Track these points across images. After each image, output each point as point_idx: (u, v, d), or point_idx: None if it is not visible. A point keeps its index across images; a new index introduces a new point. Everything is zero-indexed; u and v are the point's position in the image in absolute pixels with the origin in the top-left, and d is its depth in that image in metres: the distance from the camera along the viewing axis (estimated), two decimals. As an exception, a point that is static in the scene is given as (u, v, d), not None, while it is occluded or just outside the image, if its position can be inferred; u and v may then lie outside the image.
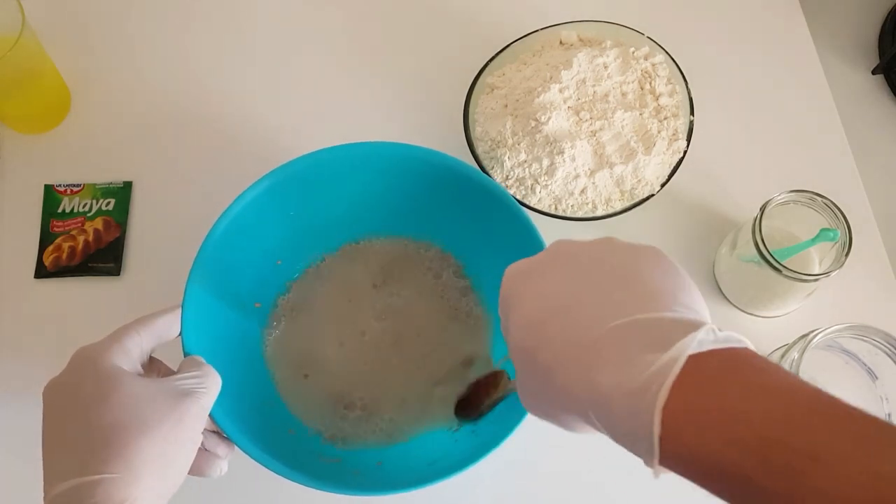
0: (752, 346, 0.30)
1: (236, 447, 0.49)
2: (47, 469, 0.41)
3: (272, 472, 0.48)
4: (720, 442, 0.27)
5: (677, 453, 0.29)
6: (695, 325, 0.30)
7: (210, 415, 0.48)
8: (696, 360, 0.29)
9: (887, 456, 0.24)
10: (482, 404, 0.53)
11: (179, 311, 0.50)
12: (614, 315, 0.32)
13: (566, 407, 0.34)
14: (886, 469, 0.24)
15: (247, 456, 0.49)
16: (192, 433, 0.44)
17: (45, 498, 0.40)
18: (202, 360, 0.49)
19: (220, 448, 0.49)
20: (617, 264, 0.36)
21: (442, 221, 0.60)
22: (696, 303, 0.34)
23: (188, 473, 0.46)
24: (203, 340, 0.51)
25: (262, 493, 0.58)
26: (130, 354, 0.45)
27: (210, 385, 0.46)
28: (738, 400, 0.27)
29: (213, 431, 0.49)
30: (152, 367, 0.49)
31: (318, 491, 0.48)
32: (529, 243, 0.54)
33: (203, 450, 0.48)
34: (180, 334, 0.50)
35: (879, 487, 0.24)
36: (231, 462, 0.50)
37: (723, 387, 0.28)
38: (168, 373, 0.49)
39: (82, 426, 0.41)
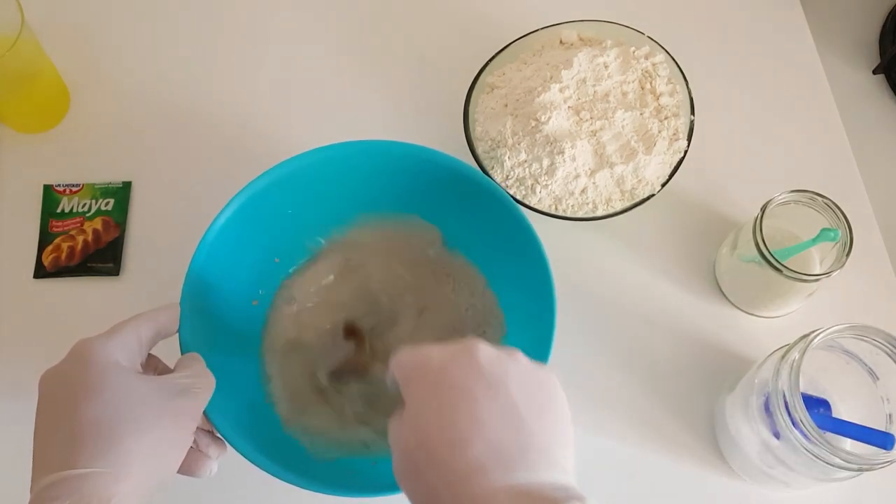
0: None
1: (230, 447, 0.49)
2: (37, 460, 0.41)
3: (266, 473, 0.48)
4: None
5: None
6: (564, 499, 0.34)
7: (204, 414, 0.48)
8: None
9: None
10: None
11: (178, 308, 0.50)
12: (498, 468, 0.35)
13: None
14: None
15: (241, 456, 0.49)
16: (185, 432, 0.44)
17: (31, 489, 0.40)
18: (199, 358, 0.49)
19: (212, 448, 0.49)
20: (517, 393, 0.38)
21: (441, 220, 0.60)
22: (571, 460, 0.38)
23: (179, 473, 0.46)
24: (200, 338, 0.51)
25: (255, 493, 0.58)
26: (128, 350, 0.45)
27: (205, 385, 0.46)
28: None
29: (206, 431, 0.49)
30: (150, 363, 0.49)
31: (312, 492, 0.48)
32: (527, 242, 0.54)
33: (194, 449, 0.48)
34: (178, 332, 0.50)
35: None
36: (225, 462, 0.50)
37: None
38: (165, 370, 0.49)
39: (75, 419, 0.41)
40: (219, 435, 0.49)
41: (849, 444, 0.53)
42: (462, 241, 0.60)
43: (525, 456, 0.36)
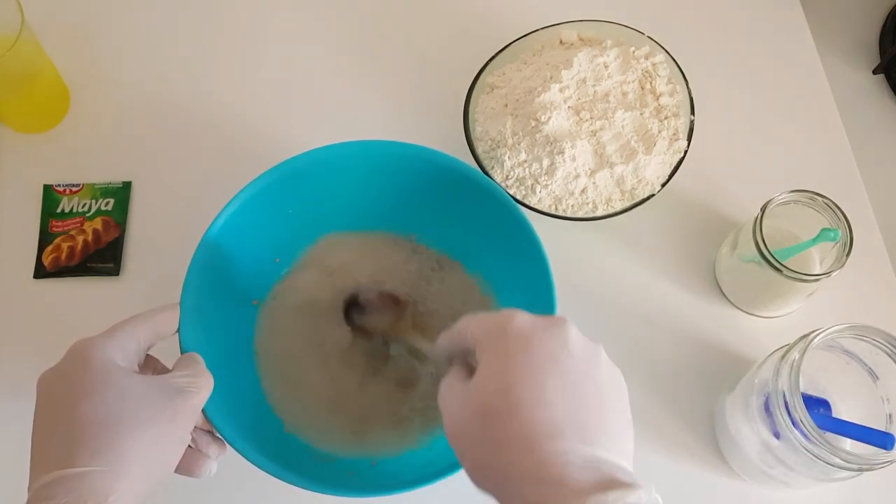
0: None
1: (229, 447, 0.49)
2: (35, 459, 0.41)
3: (265, 473, 0.48)
4: None
5: None
6: (635, 484, 0.35)
7: (204, 413, 0.48)
8: None
9: None
10: (370, 324, 0.57)
11: (177, 308, 0.50)
12: (578, 435, 0.36)
13: (495, 484, 0.37)
14: None
15: (240, 456, 0.49)
16: (182, 432, 0.44)
17: (29, 488, 0.40)
18: (198, 357, 0.49)
19: (212, 448, 0.49)
20: (596, 379, 0.39)
21: (441, 219, 0.60)
22: (632, 453, 0.39)
23: (178, 473, 0.46)
24: (200, 338, 0.51)
25: (255, 493, 0.58)
26: (126, 350, 0.45)
27: (202, 384, 0.46)
28: None
29: (205, 430, 0.49)
30: (148, 363, 0.49)
31: (312, 492, 0.48)
32: (525, 241, 0.54)
33: (193, 449, 0.48)
34: (178, 332, 0.50)
35: None
36: (224, 462, 0.50)
37: None
38: (163, 370, 0.49)
39: (72, 418, 0.41)
40: (218, 435, 0.49)
41: (849, 444, 0.53)
42: (462, 240, 0.60)
43: (602, 433, 0.37)
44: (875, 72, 0.80)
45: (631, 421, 0.40)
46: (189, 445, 0.48)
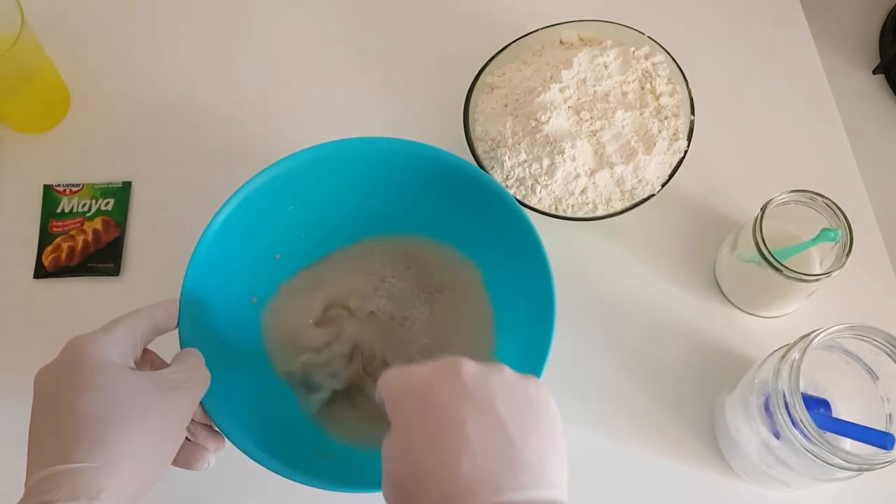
0: None
1: (228, 442, 0.49)
2: (31, 456, 0.42)
3: (264, 468, 0.48)
4: None
5: None
6: None
7: (203, 408, 0.48)
8: None
9: None
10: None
11: (177, 303, 0.50)
12: (489, 487, 0.35)
13: None
14: None
15: (239, 451, 0.49)
16: (177, 428, 0.44)
17: (26, 484, 0.41)
18: (196, 353, 0.49)
19: (210, 442, 0.49)
20: (503, 409, 0.38)
21: (441, 217, 0.60)
22: (563, 473, 0.38)
23: (176, 466, 0.46)
24: (200, 333, 0.51)
25: (254, 488, 0.58)
26: (122, 346, 0.45)
27: (199, 380, 0.46)
28: None
29: (204, 424, 0.49)
30: (146, 359, 0.49)
31: (311, 488, 0.48)
32: (527, 241, 0.54)
33: (192, 443, 0.48)
34: (177, 327, 0.50)
35: None
36: (223, 457, 0.50)
37: None
38: (161, 366, 0.49)
39: (66, 415, 0.41)
40: (216, 428, 0.49)
41: (849, 444, 0.53)
42: (462, 239, 0.60)
43: (514, 476, 0.36)
44: (875, 72, 0.80)
45: (557, 440, 0.39)
46: (188, 439, 0.48)
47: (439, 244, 0.61)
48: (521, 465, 0.36)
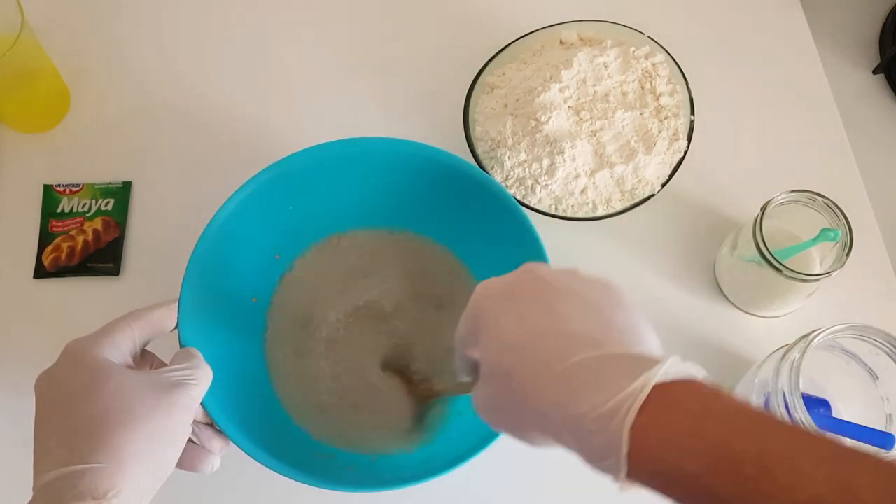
0: (707, 378, 0.34)
1: (230, 442, 0.49)
2: (37, 459, 0.42)
3: (265, 468, 0.48)
4: (679, 454, 0.31)
5: (643, 467, 0.32)
6: (659, 359, 0.34)
7: (205, 408, 0.48)
8: (660, 388, 0.33)
9: (822, 462, 0.28)
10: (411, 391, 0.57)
11: (176, 304, 0.50)
12: (588, 346, 0.35)
13: (539, 427, 0.37)
14: (822, 474, 0.28)
15: (240, 450, 0.49)
16: (181, 425, 0.44)
17: (33, 487, 0.41)
18: (196, 351, 0.49)
19: (214, 443, 0.49)
20: (586, 295, 0.38)
21: (441, 217, 0.60)
22: (655, 339, 0.38)
23: (180, 469, 0.46)
24: (199, 333, 0.51)
25: (254, 487, 0.58)
26: (121, 347, 0.45)
27: (200, 377, 0.46)
28: (696, 419, 0.31)
29: (207, 425, 0.49)
30: (145, 359, 0.49)
31: (312, 487, 0.48)
32: (525, 238, 0.54)
33: (196, 445, 0.48)
34: (177, 327, 0.50)
35: (818, 491, 0.28)
36: (225, 456, 0.50)
37: (682, 409, 0.32)
38: (161, 366, 0.49)
39: (70, 417, 0.42)
40: (219, 429, 0.49)
41: (849, 444, 0.52)
42: (461, 239, 0.61)
43: (610, 333, 0.36)
44: (875, 72, 0.80)
45: (640, 315, 0.39)
46: (192, 441, 0.48)
47: (437, 244, 0.61)
48: (613, 328, 0.37)
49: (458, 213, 0.59)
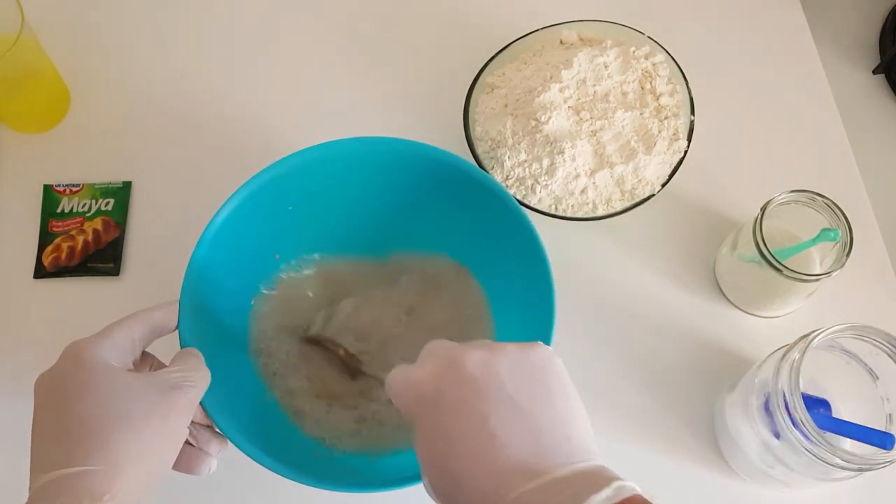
0: (640, 491, 0.34)
1: (229, 443, 0.49)
2: (33, 460, 0.42)
3: (265, 469, 0.48)
4: None
5: None
6: (593, 483, 0.34)
7: (204, 409, 0.48)
8: None
9: None
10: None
11: (177, 305, 0.50)
12: (524, 476, 0.35)
13: None
14: None
15: (239, 451, 0.49)
16: (178, 427, 0.44)
17: (29, 489, 0.41)
18: (196, 352, 0.49)
19: (212, 444, 0.49)
20: (518, 395, 0.38)
21: (440, 216, 0.60)
22: (590, 436, 0.38)
23: (177, 471, 0.46)
24: (200, 334, 0.51)
25: (254, 488, 0.58)
26: (120, 349, 0.45)
27: (198, 378, 0.46)
28: None
29: (205, 426, 0.49)
30: (145, 361, 0.49)
31: (312, 488, 0.48)
32: (527, 241, 0.54)
33: (193, 447, 0.48)
34: (177, 328, 0.50)
35: None
36: (223, 457, 0.50)
37: None
38: (161, 367, 0.49)
39: (67, 419, 0.41)
40: (218, 430, 0.49)
41: (849, 444, 0.53)
42: (461, 239, 0.61)
43: (543, 458, 0.36)
44: (875, 72, 0.80)
45: (574, 397, 0.39)
46: (189, 443, 0.48)
47: (440, 239, 0.61)
48: (547, 446, 0.37)
49: (457, 213, 0.59)
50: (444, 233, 0.61)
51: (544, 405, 0.38)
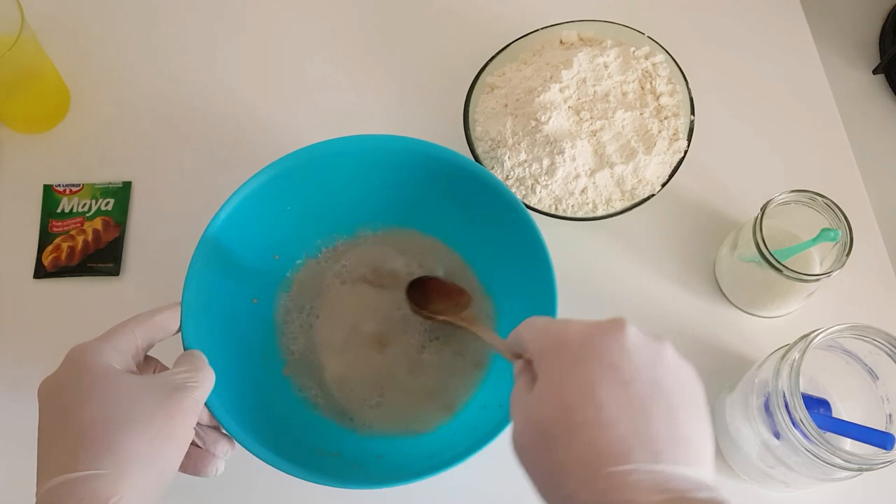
0: None
1: (236, 444, 0.49)
2: (40, 465, 0.42)
3: (271, 467, 0.48)
4: None
5: None
6: (704, 489, 0.32)
7: (209, 409, 0.48)
8: None
9: None
10: (432, 308, 0.57)
11: (178, 307, 0.50)
12: (643, 455, 0.33)
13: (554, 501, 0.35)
14: None
15: (245, 450, 0.49)
16: (183, 429, 0.44)
17: (36, 493, 0.41)
18: (199, 353, 0.49)
19: (219, 446, 0.49)
20: (663, 384, 0.36)
21: (441, 215, 0.60)
22: (710, 454, 0.36)
23: (184, 473, 0.46)
24: (202, 336, 0.51)
25: (260, 487, 0.58)
26: (123, 352, 0.45)
27: (202, 379, 0.46)
28: None
29: (211, 428, 0.49)
30: (148, 364, 0.49)
31: (318, 485, 0.48)
32: (529, 241, 0.54)
33: (200, 448, 0.48)
34: (180, 330, 0.50)
35: None
36: (232, 458, 0.50)
37: None
38: (163, 370, 0.49)
39: (72, 423, 0.41)
40: (224, 432, 0.49)
41: (849, 444, 0.53)
42: (463, 238, 0.61)
43: (672, 446, 0.34)
44: (875, 72, 0.80)
45: (708, 422, 0.37)
46: (196, 445, 0.48)
47: (441, 239, 0.61)
48: (679, 438, 0.35)
49: (459, 212, 0.59)
50: (445, 229, 0.61)
51: (686, 408, 0.36)
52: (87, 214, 0.67)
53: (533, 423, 0.37)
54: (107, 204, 0.67)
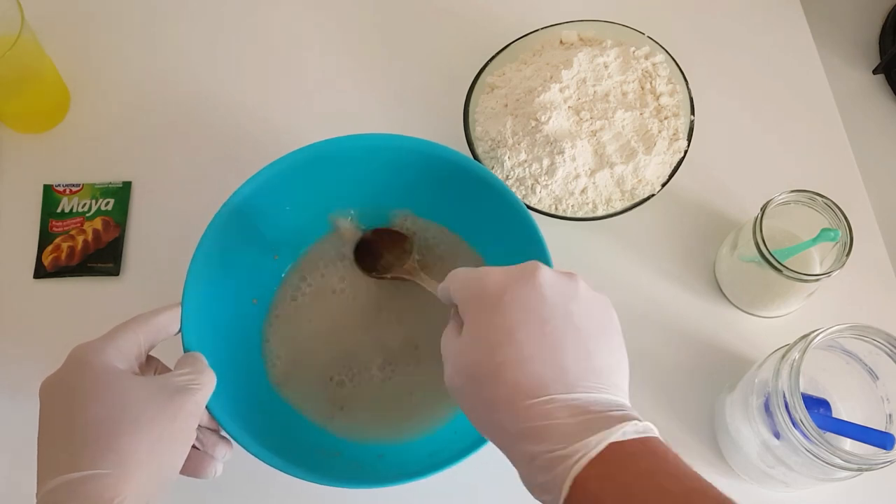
0: (659, 437, 0.36)
1: (235, 445, 0.49)
2: (41, 465, 0.42)
3: (272, 468, 0.48)
4: None
5: None
6: (622, 418, 0.36)
7: (209, 411, 0.48)
8: (613, 446, 0.35)
9: None
10: (381, 260, 0.60)
11: (179, 308, 0.50)
12: (561, 386, 0.37)
13: (493, 436, 0.39)
14: None
15: (246, 451, 0.49)
16: (185, 430, 0.44)
17: (37, 494, 0.40)
18: (200, 356, 0.49)
19: (218, 448, 0.49)
20: (578, 318, 0.39)
21: (441, 215, 0.60)
22: (625, 382, 0.40)
23: (183, 474, 0.46)
24: (203, 337, 0.51)
25: (261, 487, 0.58)
26: (126, 353, 0.45)
27: (204, 381, 0.46)
28: (636, 478, 0.34)
29: (211, 430, 0.49)
30: (149, 365, 0.49)
31: (318, 485, 0.48)
32: (530, 241, 0.54)
33: (199, 450, 0.48)
34: (180, 331, 0.50)
35: None
36: (231, 459, 0.50)
37: (628, 468, 0.34)
38: (165, 370, 0.49)
39: (74, 423, 0.41)
40: (224, 434, 0.49)
41: (849, 444, 0.53)
42: (465, 237, 0.61)
43: (585, 376, 0.38)
44: (875, 72, 0.80)
45: (622, 349, 0.40)
46: (195, 447, 0.48)
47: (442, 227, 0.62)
48: (592, 368, 0.38)
49: (460, 212, 0.59)
50: (446, 230, 0.61)
51: (598, 339, 0.39)
52: (87, 214, 0.67)
53: (462, 368, 0.40)
54: (107, 204, 0.67)
